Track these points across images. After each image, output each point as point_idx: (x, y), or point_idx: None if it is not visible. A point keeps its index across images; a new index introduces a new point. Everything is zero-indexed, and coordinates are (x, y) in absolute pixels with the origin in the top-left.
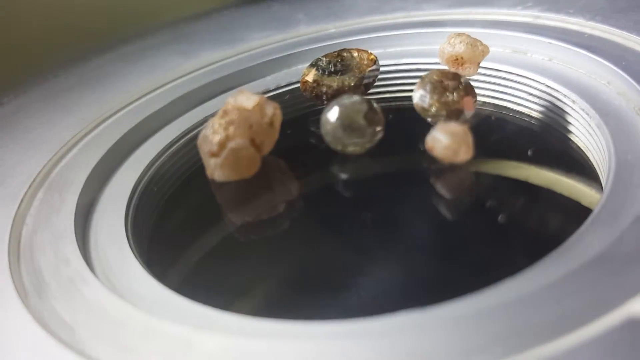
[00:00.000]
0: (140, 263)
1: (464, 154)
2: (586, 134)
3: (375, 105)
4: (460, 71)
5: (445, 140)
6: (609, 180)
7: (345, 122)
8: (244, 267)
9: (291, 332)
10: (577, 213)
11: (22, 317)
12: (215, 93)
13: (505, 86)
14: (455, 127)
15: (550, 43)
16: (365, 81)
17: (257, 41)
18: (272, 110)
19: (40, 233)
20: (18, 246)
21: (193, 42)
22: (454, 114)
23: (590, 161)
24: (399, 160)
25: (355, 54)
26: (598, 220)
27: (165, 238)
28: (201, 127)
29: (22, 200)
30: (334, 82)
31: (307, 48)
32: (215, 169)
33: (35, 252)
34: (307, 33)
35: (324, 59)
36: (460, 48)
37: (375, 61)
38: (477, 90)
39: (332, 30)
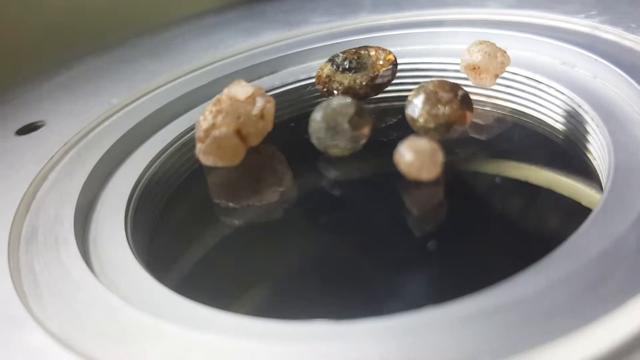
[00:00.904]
0: (140, 263)
1: (428, 172)
2: (586, 133)
3: (363, 110)
4: (477, 81)
5: (408, 157)
6: (609, 180)
7: (330, 124)
8: (243, 267)
9: (291, 333)
10: (577, 213)
11: (21, 317)
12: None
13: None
14: (423, 143)
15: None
16: (379, 81)
17: (316, 26)
18: (263, 104)
19: (40, 233)
20: (18, 246)
21: (259, 21)
22: (444, 127)
23: (590, 161)
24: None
25: (373, 53)
26: (598, 220)
27: (165, 238)
28: None
29: (21, 200)
30: (346, 79)
31: (352, 39)
32: (200, 153)
33: (35, 252)
34: (363, 22)
35: (341, 54)
36: (477, 57)
37: (392, 62)
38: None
39: (389, 22)
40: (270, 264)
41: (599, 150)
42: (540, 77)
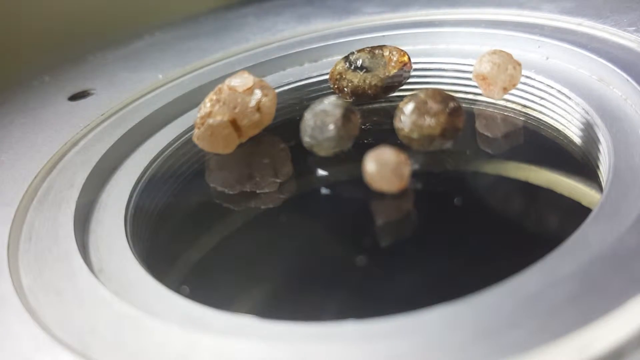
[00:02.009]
0: (140, 263)
1: (388, 185)
2: (586, 133)
3: (352, 112)
4: (486, 92)
5: (370, 168)
6: (608, 180)
7: (317, 124)
8: (243, 267)
9: (291, 333)
10: (577, 213)
11: (21, 317)
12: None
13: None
14: (387, 155)
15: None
16: (388, 82)
17: (367, 17)
18: (260, 97)
19: (40, 233)
20: (17, 246)
21: (316, 7)
22: (427, 139)
23: (590, 161)
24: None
25: (387, 53)
26: (597, 220)
27: (165, 238)
28: None
29: (21, 200)
30: (356, 78)
31: (395, 33)
32: (195, 138)
33: (35, 252)
34: (412, 16)
35: (355, 52)
36: (486, 67)
37: (404, 64)
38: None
39: (438, 17)
40: (270, 264)
41: (599, 150)
42: (539, 77)
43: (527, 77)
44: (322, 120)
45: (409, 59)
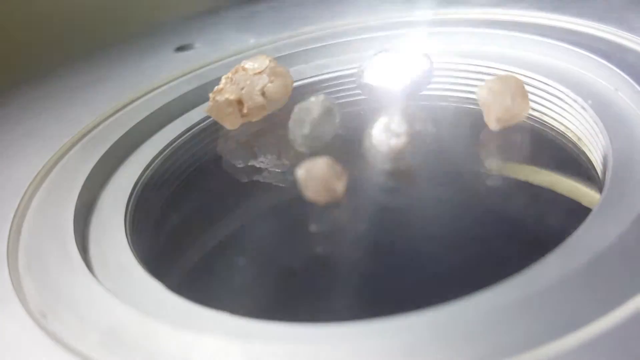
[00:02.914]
0: (140, 263)
1: (315, 195)
2: (586, 133)
3: (332, 113)
4: (485, 119)
5: (299, 175)
6: (608, 180)
7: (296, 119)
8: (244, 268)
9: (291, 334)
10: (577, 213)
11: (20, 317)
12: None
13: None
14: (318, 166)
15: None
16: None
17: (430, 10)
18: (265, 82)
19: (40, 233)
20: (17, 246)
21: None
22: (382, 157)
23: (590, 161)
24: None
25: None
26: (597, 220)
27: (165, 238)
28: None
29: (21, 200)
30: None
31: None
32: (206, 110)
33: (35, 252)
34: (468, 14)
35: (385, 52)
36: (483, 93)
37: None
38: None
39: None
40: (271, 265)
41: (598, 150)
42: (540, 77)
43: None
44: (301, 117)
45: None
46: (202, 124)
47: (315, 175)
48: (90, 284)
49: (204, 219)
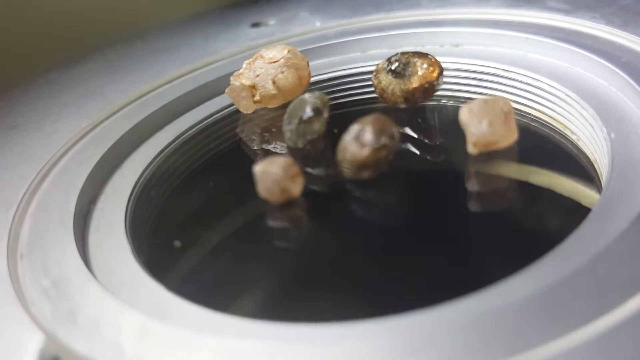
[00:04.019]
0: (140, 263)
1: (269, 194)
2: (586, 133)
3: (320, 111)
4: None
5: (255, 172)
6: (607, 180)
7: (289, 113)
8: (243, 268)
9: (291, 334)
10: (576, 213)
11: (20, 317)
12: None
13: (505, 85)
14: (273, 166)
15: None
16: (408, 96)
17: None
18: (275, 72)
19: (40, 233)
20: (17, 246)
21: None
22: (350, 166)
23: (590, 161)
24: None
25: (419, 63)
26: (597, 220)
27: (165, 238)
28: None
29: (21, 200)
30: (384, 81)
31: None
32: (226, 91)
33: (34, 252)
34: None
35: (398, 54)
36: (462, 112)
37: (427, 83)
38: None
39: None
40: (270, 265)
41: (598, 150)
42: (540, 77)
43: (523, 75)
44: (293, 112)
45: (438, 75)
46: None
47: (269, 175)
48: (90, 284)
49: (204, 218)
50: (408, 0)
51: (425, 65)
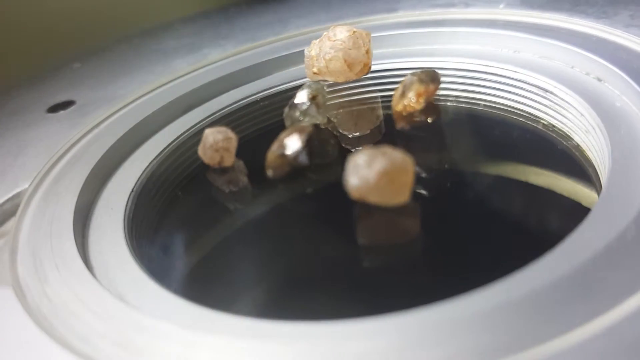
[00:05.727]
0: (139, 264)
1: (202, 154)
2: (586, 133)
3: (318, 104)
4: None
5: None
6: (607, 180)
7: (294, 97)
8: (242, 268)
9: (290, 333)
10: (576, 213)
11: (20, 317)
12: None
13: (503, 84)
14: (211, 132)
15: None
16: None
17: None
18: (332, 54)
19: (40, 233)
20: (17, 246)
21: None
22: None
23: (590, 161)
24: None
25: (415, 83)
26: (596, 220)
27: (165, 238)
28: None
29: (21, 200)
30: (403, 90)
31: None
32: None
33: (34, 252)
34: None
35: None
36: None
37: (416, 104)
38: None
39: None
40: (270, 265)
41: (598, 150)
42: (539, 76)
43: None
44: (294, 97)
45: (426, 104)
46: None
47: (206, 138)
48: (90, 284)
49: (204, 218)
50: None
51: (421, 90)
